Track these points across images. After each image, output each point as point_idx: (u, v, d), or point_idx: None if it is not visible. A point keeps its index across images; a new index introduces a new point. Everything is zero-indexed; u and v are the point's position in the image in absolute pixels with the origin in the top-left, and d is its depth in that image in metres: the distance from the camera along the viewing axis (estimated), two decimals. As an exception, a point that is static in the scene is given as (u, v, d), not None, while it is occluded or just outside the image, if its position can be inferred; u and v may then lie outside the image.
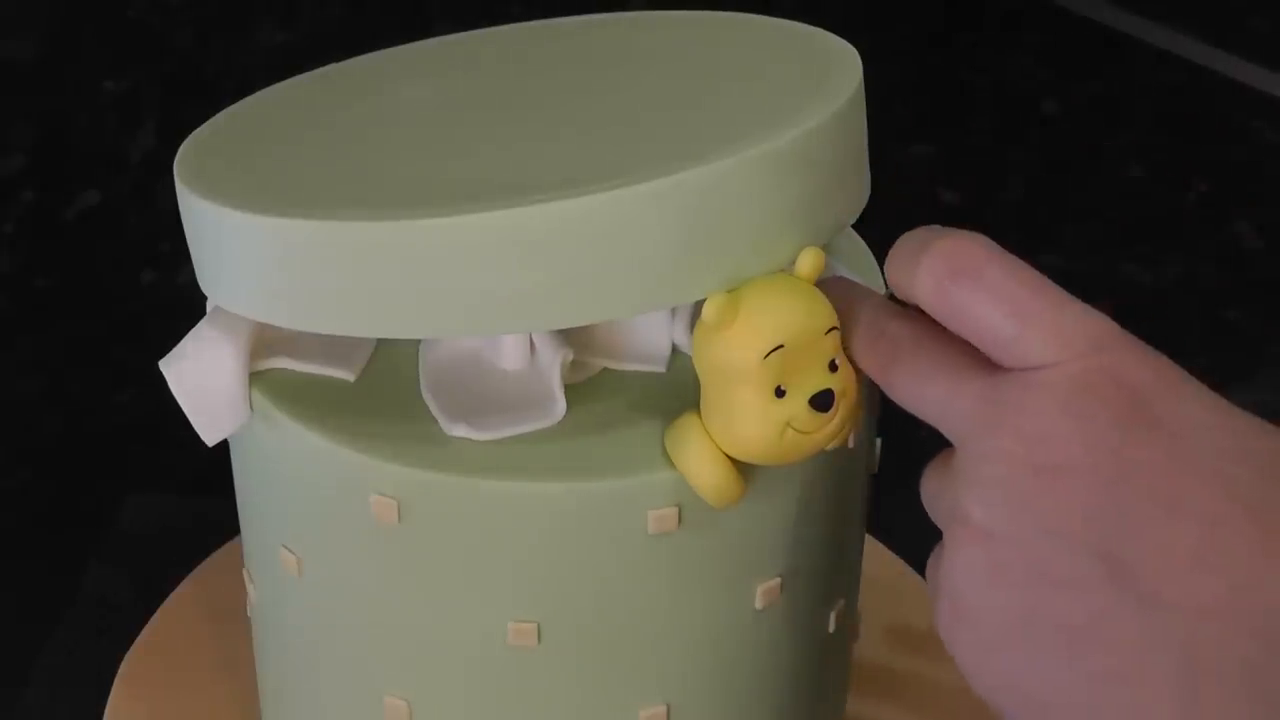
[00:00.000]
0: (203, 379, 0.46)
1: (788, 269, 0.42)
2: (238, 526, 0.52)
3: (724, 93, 0.47)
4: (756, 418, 0.41)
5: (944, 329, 0.40)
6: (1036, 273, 0.39)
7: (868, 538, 0.54)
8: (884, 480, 0.52)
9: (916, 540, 0.67)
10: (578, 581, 0.45)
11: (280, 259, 0.43)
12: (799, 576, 0.47)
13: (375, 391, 0.46)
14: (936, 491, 0.41)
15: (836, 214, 0.44)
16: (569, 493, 0.43)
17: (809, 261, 0.42)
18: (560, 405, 0.45)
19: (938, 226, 0.41)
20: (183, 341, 0.47)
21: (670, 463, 0.43)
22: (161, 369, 0.46)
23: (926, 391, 0.40)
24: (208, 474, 0.53)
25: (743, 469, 0.43)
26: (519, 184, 0.42)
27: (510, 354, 0.46)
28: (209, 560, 0.66)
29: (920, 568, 0.66)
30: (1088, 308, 0.38)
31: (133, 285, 0.85)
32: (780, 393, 0.41)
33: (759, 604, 0.46)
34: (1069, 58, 1.06)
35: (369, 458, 0.44)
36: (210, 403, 0.46)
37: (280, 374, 0.47)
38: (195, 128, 0.50)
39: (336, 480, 0.45)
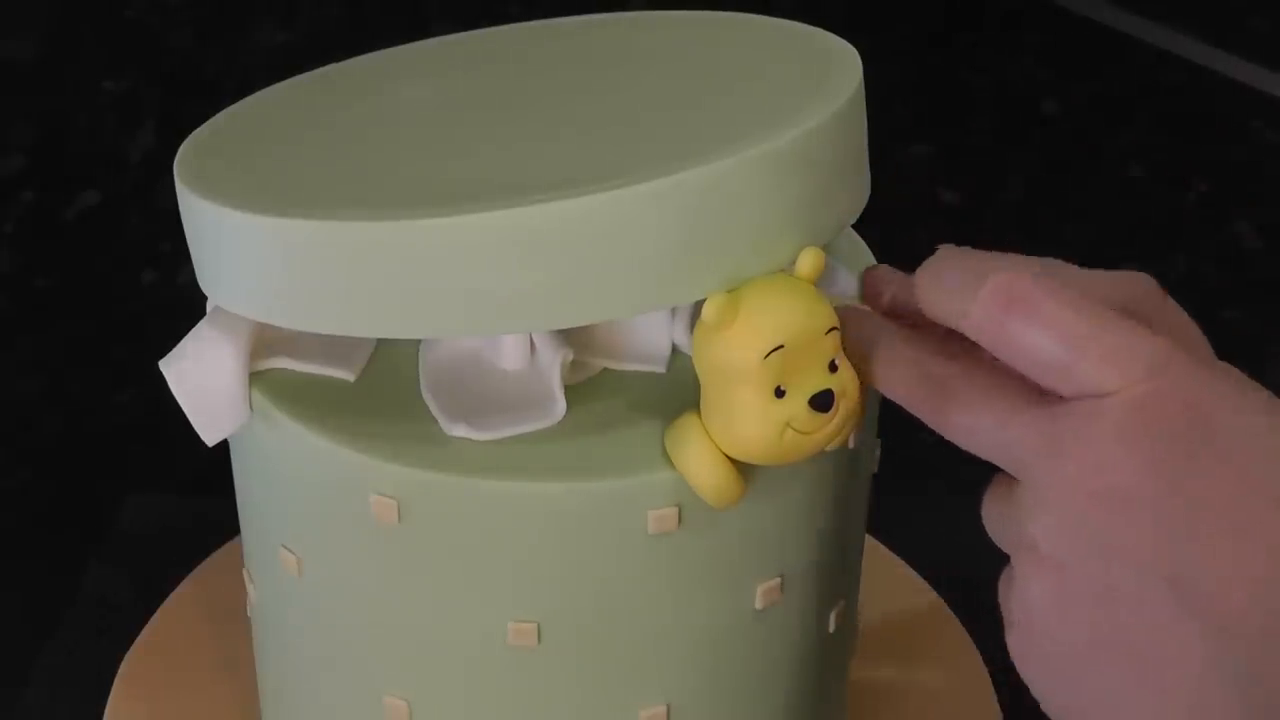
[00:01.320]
0: (203, 379, 0.46)
1: (788, 269, 0.42)
2: (238, 526, 0.52)
3: (724, 93, 0.47)
4: (756, 418, 0.41)
5: (985, 361, 0.40)
6: (1091, 300, 0.38)
7: (868, 538, 0.54)
8: (884, 480, 0.52)
9: (916, 540, 0.67)
10: (578, 581, 0.45)
11: (280, 259, 0.43)
12: (799, 577, 0.47)
13: (375, 391, 0.46)
14: (1000, 518, 0.40)
15: (836, 214, 0.44)
16: (569, 493, 0.43)
17: (809, 262, 0.42)
18: (560, 405, 0.45)
19: (969, 251, 0.41)
20: (183, 341, 0.47)
21: (670, 463, 0.43)
22: (161, 369, 0.46)
23: (982, 427, 0.40)
24: (208, 474, 0.53)
25: (743, 469, 0.43)
26: (519, 184, 0.42)
27: (510, 354, 0.46)
28: (209, 560, 0.66)
29: (920, 569, 0.66)
30: (1145, 331, 0.38)
31: (133, 285, 0.85)
32: (780, 393, 0.41)
33: (759, 604, 0.46)
34: (1069, 58, 1.06)
35: (369, 458, 0.44)
36: (210, 403, 0.46)
37: (280, 374, 0.47)
38: (195, 128, 0.50)
39: (336, 480, 0.45)
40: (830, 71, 0.46)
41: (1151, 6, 1.04)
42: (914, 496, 0.57)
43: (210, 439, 0.47)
